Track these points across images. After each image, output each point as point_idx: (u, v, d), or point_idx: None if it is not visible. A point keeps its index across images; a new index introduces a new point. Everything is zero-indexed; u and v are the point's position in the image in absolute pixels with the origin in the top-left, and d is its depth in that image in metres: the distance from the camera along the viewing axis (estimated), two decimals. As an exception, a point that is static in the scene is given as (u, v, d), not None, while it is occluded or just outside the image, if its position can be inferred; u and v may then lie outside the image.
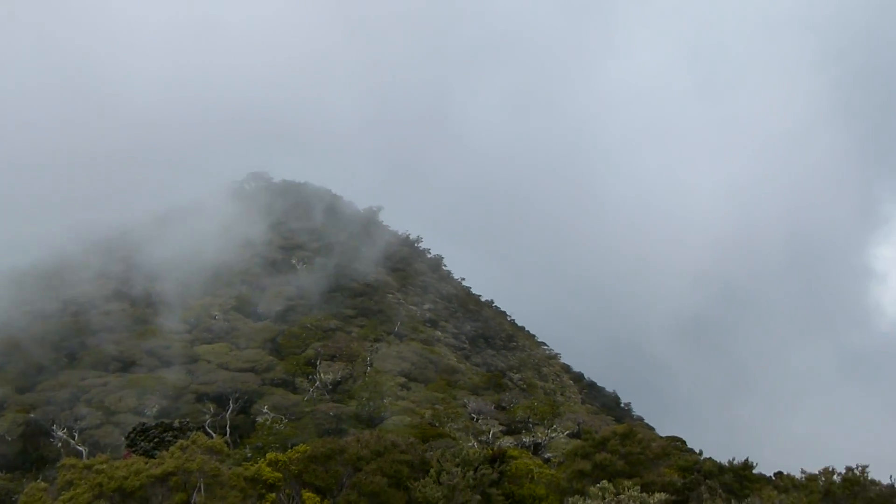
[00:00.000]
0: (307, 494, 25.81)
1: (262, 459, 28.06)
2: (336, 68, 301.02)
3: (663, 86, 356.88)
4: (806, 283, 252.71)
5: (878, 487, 27.43)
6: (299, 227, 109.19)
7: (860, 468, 28.12)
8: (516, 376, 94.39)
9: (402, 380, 70.71)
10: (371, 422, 58.79)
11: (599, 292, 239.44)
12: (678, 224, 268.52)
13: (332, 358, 71.07)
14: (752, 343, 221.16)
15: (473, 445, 46.89)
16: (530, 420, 63.57)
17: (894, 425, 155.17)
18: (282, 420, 57.30)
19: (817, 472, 29.55)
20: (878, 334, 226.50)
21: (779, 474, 36.62)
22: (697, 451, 58.03)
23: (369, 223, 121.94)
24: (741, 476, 32.07)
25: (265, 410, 58.83)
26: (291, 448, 31.54)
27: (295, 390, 66.14)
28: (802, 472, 30.44)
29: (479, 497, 24.77)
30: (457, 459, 26.36)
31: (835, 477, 28.28)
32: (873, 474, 28.20)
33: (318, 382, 66.85)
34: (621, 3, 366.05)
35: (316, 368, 68.82)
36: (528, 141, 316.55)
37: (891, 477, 27.92)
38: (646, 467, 30.69)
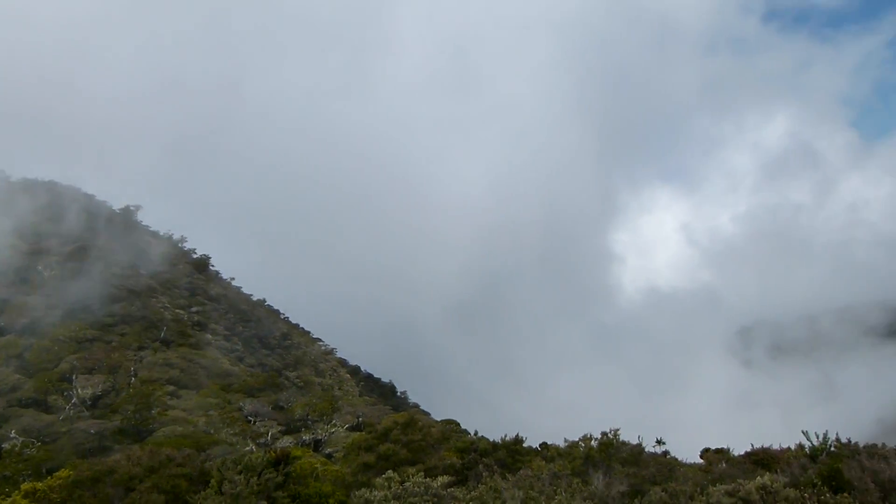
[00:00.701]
0: (72, 523, 23.72)
1: (16, 491, 25.28)
2: (100, 41, 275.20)
3: (432, 78, 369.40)
4: (559, 267, 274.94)
5: (628, 447, 30.60)
6: (47, 230, 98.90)
7: (613, 431, 31.13)
8: (293, 374, 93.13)
9: (172, 388, 66.95)
10: (139, 436, 55.01)
11: (377, 280, 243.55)
12: (449, 212, 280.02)
13: (91, 371, 65.47)
14: (515, 324, 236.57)
15: (252, 449, 45.69)
16: (309, 417, 63.08)
17: (636, 390, 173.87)
18: (33, 444, 51.82)
19: (577, 440, 32.24)
20: (620, 310, 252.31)
21: (544, 445, 39.60)
22: (472, 431, 61.19)
23: (127, 223, 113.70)
24: (513, 451, 34.32)
25: (13, 435, 52.81)
26: (49, 474, 28.70)
27: (48, 409, 60.07)
28: (565, 440, 33.03)
29: (264, 502, 24.22)
30: (239, 466, 25.53)
31: (592, 442, 31.03)
32: (623, 436, 31.41)
33: (75, 399, 61.26)
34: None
35: (72, 384, 63.01)
36: (312, 131, 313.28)
37: (638, 437, 31.25)
38: (427, 453, 31.81)
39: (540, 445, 39.84)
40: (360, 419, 62.81)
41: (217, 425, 56.14)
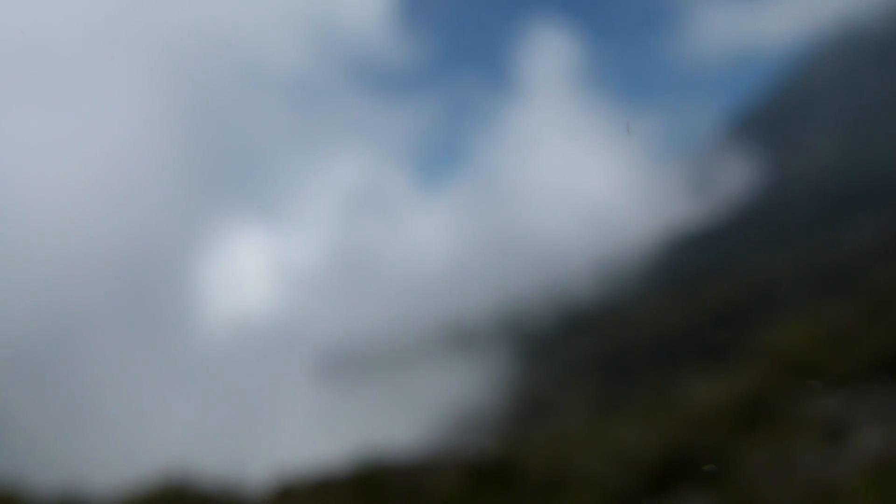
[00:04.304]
0: None
1: None
2: None
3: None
4: (142, 300, 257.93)
5: (202, 485, 31.86)
6: None
7: (180, 471, 32.06)
8: None
9: None
10: None
11: None
12: (11, 238, 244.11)
13: None
14: (92, 364, 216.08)
15: None
16: None
17: (225, 423, 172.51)
18: None
19: (138, 485, 32.65)
20: (207, 342, 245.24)
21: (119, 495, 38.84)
22: (42, 491, 55.66)
23: None
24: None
25: None
26: None
27: None
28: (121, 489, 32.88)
29: None
30: None
31: (152, 486, 31.88)
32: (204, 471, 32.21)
33: None
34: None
35: None
36: None
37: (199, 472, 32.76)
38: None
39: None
40: None
41: None
